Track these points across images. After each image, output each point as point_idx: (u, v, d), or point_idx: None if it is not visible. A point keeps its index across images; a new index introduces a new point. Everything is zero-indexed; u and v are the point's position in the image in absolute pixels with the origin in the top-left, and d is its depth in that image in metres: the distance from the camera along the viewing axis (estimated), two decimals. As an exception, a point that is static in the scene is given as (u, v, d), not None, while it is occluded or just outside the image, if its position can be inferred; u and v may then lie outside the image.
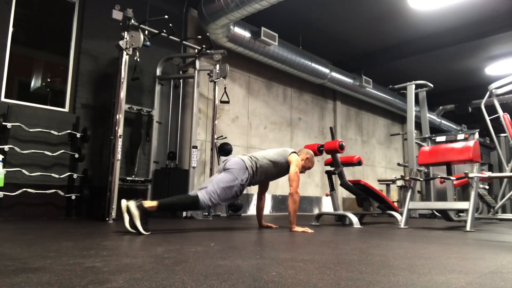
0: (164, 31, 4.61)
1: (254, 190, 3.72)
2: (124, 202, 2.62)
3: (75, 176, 4.43)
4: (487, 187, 5.97)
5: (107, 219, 3.84)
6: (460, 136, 6.18)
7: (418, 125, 7.37)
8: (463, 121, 12.34)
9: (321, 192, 8.19)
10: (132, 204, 2.58)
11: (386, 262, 1.57)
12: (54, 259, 1.47)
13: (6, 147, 3.96)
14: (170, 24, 4.53)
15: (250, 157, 3.22)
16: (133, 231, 2.57)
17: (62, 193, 4.24)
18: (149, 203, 2.67)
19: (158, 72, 5.41)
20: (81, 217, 4.47)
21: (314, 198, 8.03)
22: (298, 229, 3.10)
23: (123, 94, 4.17)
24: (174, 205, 2.96)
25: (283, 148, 3.36)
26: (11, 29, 4.30)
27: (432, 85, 6.66)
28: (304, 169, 3.40)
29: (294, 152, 3.32)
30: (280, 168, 3.26)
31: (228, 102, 5.33)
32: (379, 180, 7.78)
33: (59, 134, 4.36)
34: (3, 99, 4.18)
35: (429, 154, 4.06)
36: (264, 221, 3.58)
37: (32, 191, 4.05)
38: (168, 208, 2.89)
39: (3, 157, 3.76)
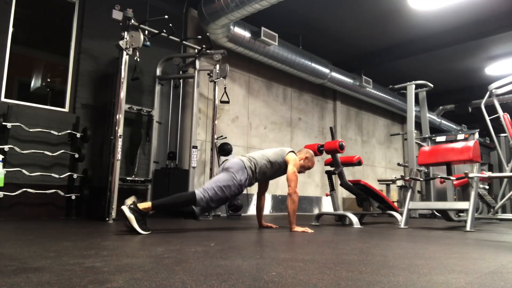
0: (164, 31, 4.61)
1: (254, 190, 3.71)
2: (125, 209, 2.59)
3: (75, 176, 4.43)
4: (487, 187, 5.97)
5: (107, 219, 3.84)
6: (460, 136, 6.18)
7: (418, 125, 7.36)
8: (463, 121, 12.33)
9: (321, 192, 8.19)
10: (126, 209, 2.58)
11: (386, 262, 1.57)
12: (54, 259, 1.47)
13: (6, 147, 3.96)
14: (170, 24, 4.53)
15: (249, 158, 3.21)
16: (145, 233, 2.58)
17: (62, 193, 4.24)
18: (143, 204, 2.68)
19: (158, 72, 5.41)
20: (81, 217, 4.47)
21: (314, 198, 8.03)
22: (298, 229, 3.09)
23: (123, 94, 4.17)
24: (170, 204, 2.93)
25: (280, 148, 3.35)
26: (11, 29, 4.30)
27: (432, 85, 6.66)
28: (303, 168, 3.39)
29: (292, 151, 3.30)
30: (278, 168, 3.25)
31: (228, 102, 5.33)
32: (379, 180, 7.77)
33: (59, 134, 4.36)
34: (3, 99, 4.18)
35: (429, 154, 4.06)
36: (264, 221, 3.58)
37: (32, 191, 4.05)
38: (164, 207, 2.85)
39: (3, 157, 3.76)
